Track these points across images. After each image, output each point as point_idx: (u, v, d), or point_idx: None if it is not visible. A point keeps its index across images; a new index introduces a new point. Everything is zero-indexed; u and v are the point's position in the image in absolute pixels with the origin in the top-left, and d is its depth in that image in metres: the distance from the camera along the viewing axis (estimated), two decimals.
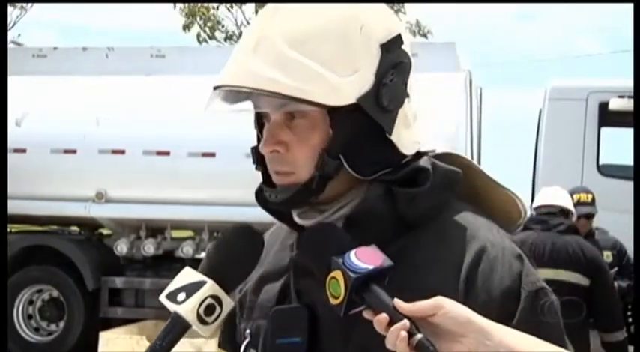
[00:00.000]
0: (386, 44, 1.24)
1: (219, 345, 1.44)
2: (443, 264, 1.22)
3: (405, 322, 1.07)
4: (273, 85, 1.19)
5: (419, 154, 1.29)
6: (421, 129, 1.31)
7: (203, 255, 8.18)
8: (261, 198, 1.28)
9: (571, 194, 5.55)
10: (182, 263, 8.34)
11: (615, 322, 5.05)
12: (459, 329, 1.07)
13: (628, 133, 9.20)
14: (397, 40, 1.25)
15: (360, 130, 1.22)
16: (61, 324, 8.20)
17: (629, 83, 8.10)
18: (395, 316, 1.08)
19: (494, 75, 45.51)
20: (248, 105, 1.27)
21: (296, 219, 1.29)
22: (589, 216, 5.76)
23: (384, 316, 1.08)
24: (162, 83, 8.11)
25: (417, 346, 1.06)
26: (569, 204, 5.23)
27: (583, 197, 5.79)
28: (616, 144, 9.96)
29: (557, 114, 8.03)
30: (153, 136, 7.97)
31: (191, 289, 1.16)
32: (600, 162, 8.04)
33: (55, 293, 8.27)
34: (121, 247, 8.25)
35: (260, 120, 1.29)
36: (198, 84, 7.94)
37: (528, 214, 1.42)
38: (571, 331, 1.28)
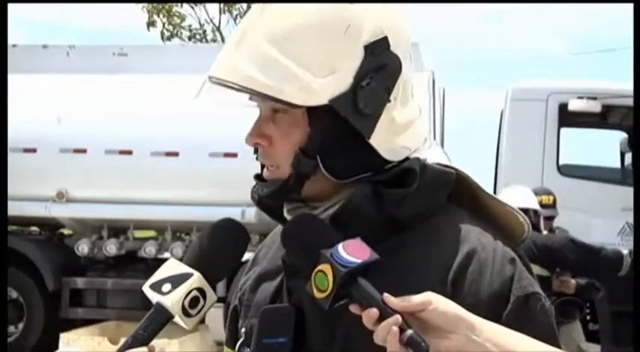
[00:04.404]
0: (370, 46, 1.20)
1: (226, 344, 1.42)
2: (431, 265, 1.19)
3: (397, 317, 1.06)
4: (248, 82, 1.19)
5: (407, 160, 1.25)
6: (415, 136, 1.27)
7: (166, 255, 8.12)
8: (252, 192, 1.27)
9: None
10: (145, 263, 8.27)
11: None
12: (448, 326, 1.07)
13: (587, 134, 9.38)
14: (383, 42, 1.21)
15: (336, 132, 1.21)
16: (20, 326, 8.07)
17: (588, 84, 8.27)
18: (384, 311, 1.07)
19: (460, 75, 46.07)
20: (245, 99, 1.27)
21: (286, 215, 1.28)
22: (550, 218, 5.95)
23: (374, 311, 1.07)
24: (125, 82, 8.02)
25: (408, 342, 1.05)
26: (529, 203, 5.44)
27: (545, 199, 5.96)
28: (575, 145, 10.16)
29: (518, 115, 8.13)
30: (115, 135, 7.88)
31: (177, 280, 1.15)
32: (560, 162, 8.16)
33: (15, 294, 8.12)
34: (83, 247, 8.14)
35: None
36: (160, 82, 7.97)
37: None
38: None
